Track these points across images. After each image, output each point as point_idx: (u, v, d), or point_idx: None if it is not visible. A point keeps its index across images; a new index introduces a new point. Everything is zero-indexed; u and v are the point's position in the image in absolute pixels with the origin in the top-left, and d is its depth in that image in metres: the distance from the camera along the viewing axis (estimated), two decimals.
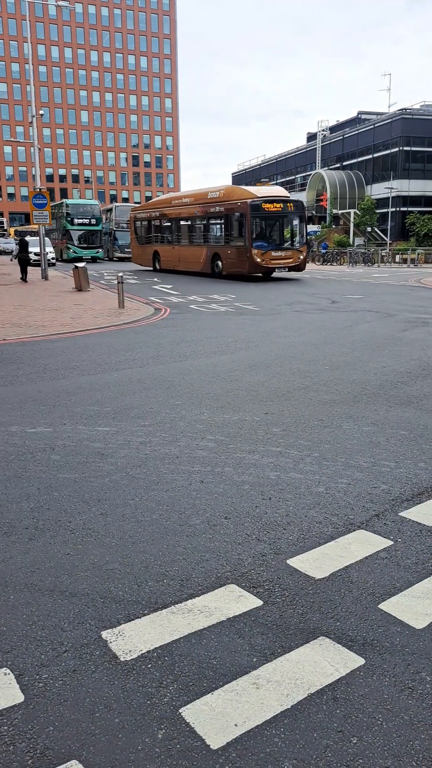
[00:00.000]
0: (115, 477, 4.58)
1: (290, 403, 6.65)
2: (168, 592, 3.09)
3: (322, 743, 2.17)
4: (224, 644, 2.69)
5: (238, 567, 3.32)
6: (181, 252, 29.33)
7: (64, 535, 3.70)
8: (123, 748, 2.15)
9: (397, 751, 2.13)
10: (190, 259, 28.59)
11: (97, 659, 2.61)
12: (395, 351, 9.85)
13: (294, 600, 3.03)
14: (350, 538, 3.66)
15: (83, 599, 3.03)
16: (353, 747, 2.15)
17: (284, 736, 2.20)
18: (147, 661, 2.59)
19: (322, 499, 4.19)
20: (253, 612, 2.93)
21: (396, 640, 2.73)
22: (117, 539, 3.63)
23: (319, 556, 3.44)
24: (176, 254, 29.94)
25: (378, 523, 3.84)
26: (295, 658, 2.60)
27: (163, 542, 3.59)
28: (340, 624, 2.84)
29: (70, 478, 4.58)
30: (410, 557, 3.43)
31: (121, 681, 2.48)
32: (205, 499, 4.18)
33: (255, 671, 2.52)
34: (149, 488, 4.37)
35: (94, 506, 4.09)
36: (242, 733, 2.21)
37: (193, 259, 28.29)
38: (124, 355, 9.67)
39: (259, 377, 7.93)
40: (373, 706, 2.34)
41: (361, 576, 3.24)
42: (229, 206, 24.90)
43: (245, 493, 4.29)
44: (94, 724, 2.26)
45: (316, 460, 4.91)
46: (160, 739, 2.19)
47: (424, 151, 58.94)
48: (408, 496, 4.25)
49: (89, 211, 46.07)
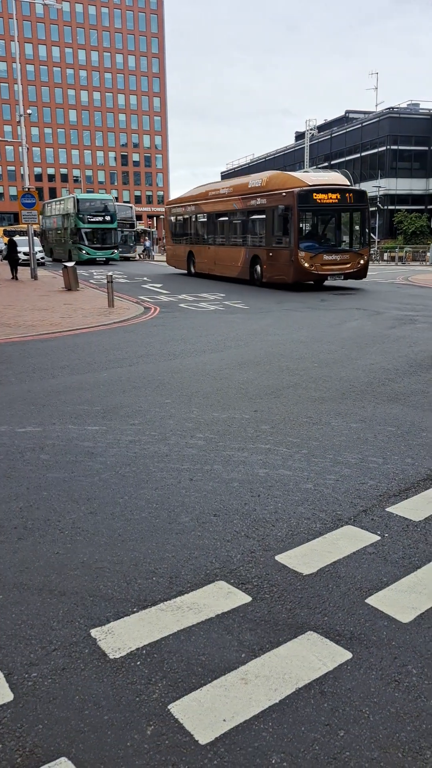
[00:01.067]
0: (105, 476, 4.58)
1: (279, 401, 6.67)
2: (157, 590, 3.10)
3: (310, 737, 2.19)
4: (213, 640, 2.71)
5: (227, 564, 3.34)
6: (218, 253, 24.91)
7: (54, 534, 3.71)
8: (112, 745, 2.16)
9: (383, 743, 2.15)
10: (227, 262, 24.21)
11: (86, 657, 2.61)
12: (383, 348, 9.89)
13: (282, 596, 3.05)
14: (338, 533, 3.68)
15: (72, 598, 3.04)
16: (340, 740, 2.17)
17: (272, 730, 2.22)
18: (136, 658, 2.60)
19: (310, 496, 4.21)
20: (242, 608, 2.95)
21: (383, 633, 2.75)
22: (106, 538, 3.64)
23: (308, 552, 3.46)
24: (212, 256, 25.49)
25: (366, 519, 3.87)
26: (283, 653, 2.62)
27: (153, 540, 3.60)
28: (327, 619, 2.86)
29: (60, 477, 4.58)
30: (397, 552, 3.46)
31: (110, 678, 2.49)
32: (194, 497, 4.19)
33: (243, 667, 2.54)
34: (138, 486, 4.38)
35: (83, 505, 4.09)
36: (231, 728, 2.22)
37: (230, 263, 23.84)
38: (113, 354, 9.66)
39: (248, 375, 7.95)
40: (360, 699, 2.36)
41: (349, 571, 3.27)
42: (271, 197, 20.37)
43: (234, 490, 4.30)
44: (84, 721, 2.27)
45: (304, 457, 4.93)
46: (149, 735, 2.20)
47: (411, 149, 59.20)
48: (395, 491, 4.28)
49: (102, 206, 40.46)
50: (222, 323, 13.20)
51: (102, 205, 40.62)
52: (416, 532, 3.70)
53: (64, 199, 43.92)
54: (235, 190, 23.64)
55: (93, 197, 43.57)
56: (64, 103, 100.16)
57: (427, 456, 4.94)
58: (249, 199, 22.01)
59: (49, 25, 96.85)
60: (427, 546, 3.53)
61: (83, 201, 39.82)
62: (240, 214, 22.85)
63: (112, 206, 40.65)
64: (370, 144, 60.67)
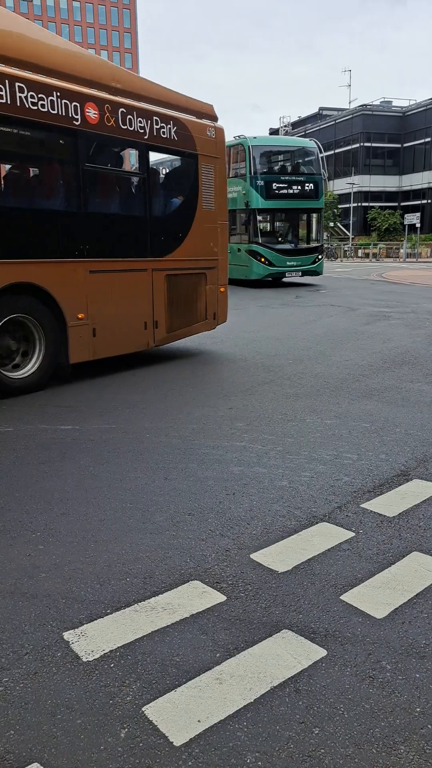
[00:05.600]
0: (78, 476, 4.53)
1: (254, 398, 6.67)
2: (131, 591, 3.07)
3: (285, 735, 2.18)
4: (187, 641, 2.69)
5: (202, 563, 3.32)
6: None
7: (25, 536, 3.65)
8: (85, 749, 2.13)
9: (358, 740, 2.16)
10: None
11: (58, 660, 2.58)
12: (357, 345, 9.96)
13: (257, 594, 3.04)
14: (313, 530, 3.69)
15: (44, 600, 3.00)
16: (315, 737, 2.17)
17: (247, 729, 2.21)
18: (109, 660, 2.58)
19: (285, 493, 4.21)
20: (217, 608, 2.93)
21: (357, 630, 2.76)
22: (79, 539, 3.60)
23: (283, 550, 3.46)
24: None
25: (340, 515, 3.88)
26: (258, 652, 2.61)
27: (126, 540, 3.57)
28: (302, 616, 2.86)
29: (32, 478, 4.52)
30: (371, 548, 3.48)
31: (84, 681, 2.45)
32: (168, 496, 4.16)
33: (218, 667, 2.52)
34: (112, 486, 4.34)
35: (55, 506, 4.04)
36: (205, 729, 2.21)
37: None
38: None
39: (223, 372, 7.94)
40: (334, 696, 2.36)
41: (324, 568, 3.27)
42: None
43: (209, 488, 4.29)
44: (56, 726, 2.24)
45: (279, 454, 4.94)
46: (122, 738, 2.18)
47: (384, 147, 59.78)
48: (369, 487, 4.30)
49: (300, 162, 21.92)
50: None
51: (298, 161, 22.13)
52: (390, 528, 3.72)
53: (233, 144, 20.83)
54: None
55: (280, 142, 26.36)
56: None
57: (401, 452, 4.98)
58: None
59: None
60: (401, 542, 3.55)
61: (261, 148, 20.64)
62: None
63: (316, 163, 21.58)
64: (343, 141, 61.12)
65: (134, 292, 8.25)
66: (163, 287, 8.63)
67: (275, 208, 21.42)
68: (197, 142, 9.05)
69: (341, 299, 16.90)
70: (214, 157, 9.42)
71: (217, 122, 9.58)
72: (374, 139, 58.26)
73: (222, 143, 9.61)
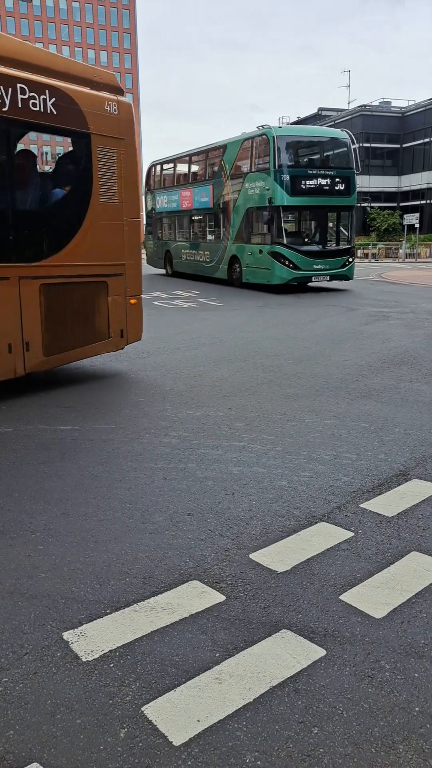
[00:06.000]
0: (77, 476, 4.54)
1: (253, 398, 6.67)
2: (130, 591, 3.07)
3: (284, 734, 2.19)
4: (187, 641, 2.69)
5: (201, 563, 3.33)
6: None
7: (25, 536, 3.65)
8: (84, 749, 2.13)
9: (356, 739, 2.16)
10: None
11: (58, 660, 2.58)
12: (357, 345, 9.97)
13: (256, 594, 3.04)
14: (312, 530, 3.69)
15: (44, 601, 3.00)
16: (314, 737, 2.18)
17: (246, 729, 2.21)
18: (109, 660, 2.58)
19: (284, 493, 4.22)
20: (216, 607, 2.94)
21: (356, 630, 2.77)
22: (78, 539, 3.60)
23: (282, 550, 3.46)
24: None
25: (339, 515, 3.89)
26: (257, 652, 2.62)
27: (126, 540, 3.58)
28: (301, 616, 2.87)
29: (32, 478, 4.52)
30: (370, 548, 3.48)
31: (83, 681, 2.46)
32: (167, 496, 4.17)
33: (217, 666, 2.53)
34: (111, 486, 4.34)
35: (55, 506, 4.05)
36: (205, 728, 2.21)
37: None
38: None
39: (223, 372, 7.94)
40: (333, 696, 2.37)
41: (323, 568, 3.28)
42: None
43: (208, 488, 4.29)
44: (56, 725, 2.24)
45: (278, 454, 4.94)
46: (122, 738, 2.18)
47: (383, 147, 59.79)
48: (369, 487, 4.31)
49: (330, 155, 19.85)
50: (196, 320, 13.18)
51: (325, 151, 19.87)
52: (389, 528, 3.72)
53: (235, 141, 20.03)
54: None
55: (304, 131, 23.39)
56: None
57: (400, 452, 4.98)
58: None
59: (19, 20, 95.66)
60: (400, 541, 3.56)
61: (289, 140, 18.46)
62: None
63: (348, 156, 19.13)
64: None
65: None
66: (37, 300, 6.78)
67: (301, 206, 18.87)
68: (90, 119, 7.11)
69: (340, 299, 16.91)
70: (116, 138, 7.47)
71: (123, 96, 7.70)
72: (373, 139, 58.24)
73: (130, 122, 7.68)
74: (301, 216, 20.22)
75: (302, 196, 18.13)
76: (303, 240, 19.53)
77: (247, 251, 19.54)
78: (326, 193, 18.46)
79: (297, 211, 19.60)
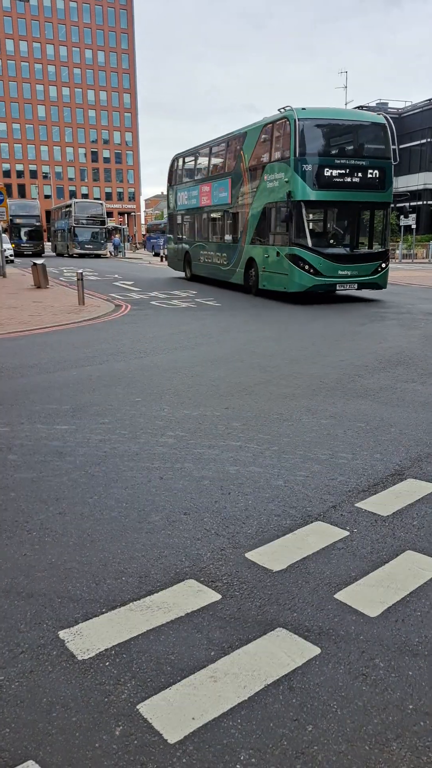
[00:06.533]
0: (74, 475, 4.55)
1: (250, 398, 6.69)
2: (126, 590, 3.08)
3: (278, 732, 2.20)
4: (182, 639, 2.70)
5: (197, 562, 3.34)
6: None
7: (21, 535, 3.66)
8: (80, 747, 2.14)
9: (350, 737, 2.18)
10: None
11: (54, 659, 2.59)
12: (353, 345, 9.99)
13: (252, 593, 3.06)
14: (308, 529, 3.70)
15: (40, 599, 3.01)
16: (308, 734, 2.19)
17: (241, 727, 2.23)
18: (105, 659, 2.59)
19: (280, 492, 4.23)
20: (212, 606, 2.95)
21: (351, 628, 2.78)
22: (75, 538, 3.61)
23: (278, 549, 3.48)
24: None
25: (335, 515, 3.90)
26: (252, 650, 2.63)
27: (122, 540, 3.58)
28: (297, 615, 2.88)
29: (28, 477, 4.53)
30: (365, 547, 3.50)
31: (79, 680, 2.47)
32: (164, 496, 4.18)
33: (213, 665, 2.54)
34: (108, 486, 4.35)
35: (52, 505, 4.05)
36: (199, 726, 2.22)
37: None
38: (83, 352, 9.58)
39: (220, 372, 7.95)
40: (328, 693, 2.38)
41: (318, 567, 3.29)
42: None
43: (205, 488, 4.30)
44: (51, 723, 2.25)
45: (275, 454, 4.95)
46: (117, 735, 2.19)
47: None
48: (364, 486, 4.32)
49: (363, 142, 16.73)
50: (194, 320, 13.19)
51: (358, 138, 17.16)
52: (384, 527, 3.74)
53: (255, 127, 18.18)
54: None
55: (332, 114, 17.61)
56: (33, 99, 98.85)
57: (395, 451, 5.00)
58: None
59: (16, 19, 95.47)
60: (395, 540, 3.57)
61: (312, 122, 16.31)
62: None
63: (384, 141, 16.89)
64: None
65: None
66: None
67: (326, 201, 15.89)
68: None
69: (336, 299, 16.93)
70: None
71: None
72: None
73: None
74: (327, 213, 16.99)
75: (328, 189, 15.39)
76: (328, 241, 16.63)
77: (264, 254, 17.10)
78: (357, 187, 15.62)
79: (321, 208, 16.59)
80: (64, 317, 13.67)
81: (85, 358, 9.13)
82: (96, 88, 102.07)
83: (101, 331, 12.04)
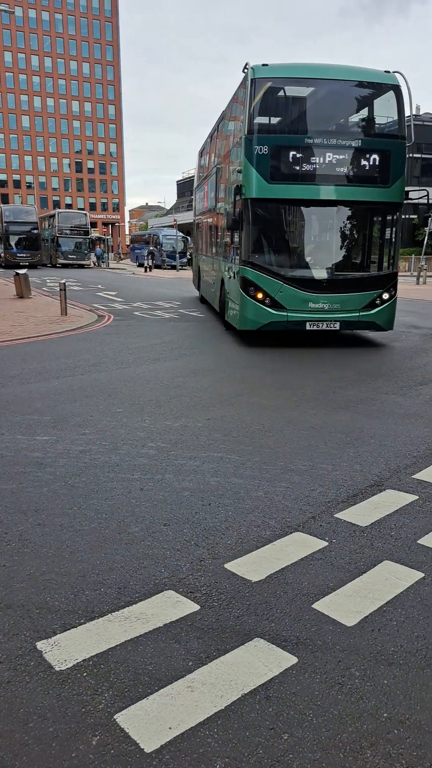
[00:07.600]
0: (54, 486, 4.54)
1: (232, 409, 6.72)
2: (105, 601, 3.09)
3: (254, 741, 2.22)
4: (160, 650, 2.72)
5: (176, 573, 3.35)
6: None
7: (0, 546, 3.65)
8: (56, 757, 2.15)
9: (325, 744, 2.20)
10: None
11: (31, 670, 2.59)
12: (334, 357, 10.07)
13: (230, 603, 3.08)
14: (287, 540, 3.74)
15: (18, 611, 3.00)
16: (284, 743, 2.21)
17: (217, 736, 2.24)
18: (82, 669, 2.59)
19: (260, 503, 4.26)
20: (190, 617, 2.96)
21: (328, 638, 2.81)
22: (54, 549, 3.60)
23: (257, 560, 3.50)
24: None
25: (314, 525, 3.94)
26: (230, 660, 2.65)
27: (101, 551, 3.59)
28: (274, 625, 2.90)
29: (7, 488, 4.51)
30: (344, 557, 3.53)
31: (56, 690, 2.47)
32: (144, 507, 4.19)
33: (190, 675, 2.56)
34: (88, 497, 4.35)
35: (31, 516, 4.05)
36: (176, 736, 2.24)
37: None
38: (65, 362, 9.57)
39: (202, 383, 7.98)
40: (304, 702, 2.41)
41: (296, 577, 3.32)
42: None
43: (185, 499, 4.32)
44: (28, 734, 2.25)
45: (256, 465, 4.99)
46: (94, 745, 2.19)
47: None
48: (343, 497, 4.37)
49: (359, 114, 10.51)
50: (177, 331, 13.21)
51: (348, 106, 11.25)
52: (362, 538, 3.78)
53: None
54: None
55: (311, 72, 10.57)
56: (17, 109, 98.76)
57: (375, 462, 5.06)
58: None
59: (1, 30, 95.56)
60: (373, 551, 3.61)
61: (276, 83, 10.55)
62: None
63: (393, 111, 10.41)
64: None
65: None
66: None
67: (293, 199, 10.50)
68: None
69: None
70: None
71: None
72: None
73: None
74: (297, 219, 10.97)
75: (295, 183, 10.31)
76: (296, 259, 11.09)
77: (228, 274, 12.64)
78: (344, 179, 10.41)
79: (285, 209, 10.76)
80: (47, 327, 13.63)
81: (66, 368, 9.11)
82: (81, 99, 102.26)
83: (83, 341, 12.03)
